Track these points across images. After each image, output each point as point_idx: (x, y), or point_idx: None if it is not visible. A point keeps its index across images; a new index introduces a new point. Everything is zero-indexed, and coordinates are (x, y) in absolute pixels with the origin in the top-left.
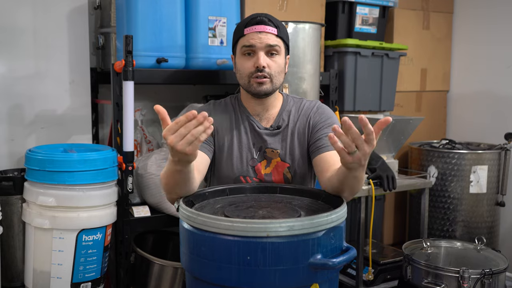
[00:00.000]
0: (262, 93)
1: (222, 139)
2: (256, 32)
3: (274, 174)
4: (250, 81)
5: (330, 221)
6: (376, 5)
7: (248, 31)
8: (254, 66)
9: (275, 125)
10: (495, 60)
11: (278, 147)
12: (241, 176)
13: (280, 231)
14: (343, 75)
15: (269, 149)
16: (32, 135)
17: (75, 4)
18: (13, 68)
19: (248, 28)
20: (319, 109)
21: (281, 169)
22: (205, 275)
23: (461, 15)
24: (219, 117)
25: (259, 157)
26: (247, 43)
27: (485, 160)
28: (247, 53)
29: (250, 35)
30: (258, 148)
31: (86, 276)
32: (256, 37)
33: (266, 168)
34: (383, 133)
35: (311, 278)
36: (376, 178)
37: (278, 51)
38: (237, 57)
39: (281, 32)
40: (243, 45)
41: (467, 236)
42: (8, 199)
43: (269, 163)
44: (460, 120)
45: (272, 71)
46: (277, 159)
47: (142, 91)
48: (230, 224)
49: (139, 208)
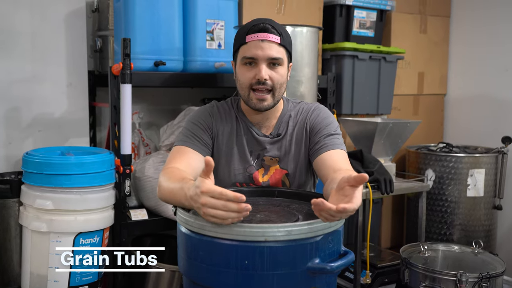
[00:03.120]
0: (262, 109)
1: (222, 143)
2: (258, 41)
3: (272, 181)
4: (250, 94)
5: (329, 226)
6: (373, 9)
7: (250, 38)
8: (255, 77)
9: (275, 132)
10: (492, 63)
11: (277, 154)
12: (237, 183)
13: (278, 236)
14: (341, 78)
15: (267, 156)
16: (30, 138)
17: (73, 7)
18: (10, 71)
19: (250, 35)
20: (315, 111)
21: (279, 176)
22: (203, 279)
23: (458, 19)
24: (221, 121)
25: (257, 165)
26: (248, 54)
27: (482, 164)
28: (248, 63)
29: (252, 44)
30: (256, 156)
31: (83, 280)
32: (258, 46)
33: (264, 176)
34: (381, 137)
35: (309, 283)
36: (373, 182)
37: (281, 62)
38: (238, 65)
39: (284, 40)
40: (244, 56)
41: (464, 239)
42: (5, 202)
43: (266, 171)
44: (458, 124)
45: (274, 83)
46: (276, 167)
47: (140, 94)
48: (228, 229)
49: (137, 211)
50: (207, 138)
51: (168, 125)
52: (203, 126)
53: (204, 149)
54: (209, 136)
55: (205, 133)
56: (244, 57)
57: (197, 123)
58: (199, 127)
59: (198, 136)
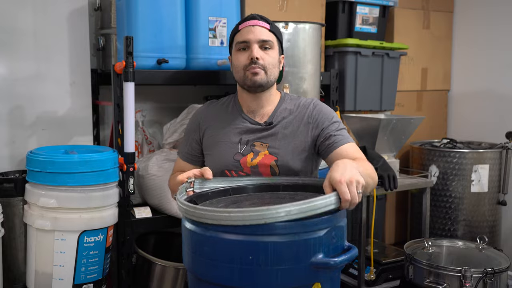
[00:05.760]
0: (257, 84)
1: (210, 136)
2: (249, 26)
3: (260, 166)
4: (245, 73)
5: (330, 203)
6: (376, 5)
7: (242, 26)
8: (248, 58)
9: (269, 121)
10: (496, 58)
11: (268, 141)
12: (226, 170)
13: (278, 217)
14: (344, 75)
15: (258, 142)
16: (33, 137)
17: (75, 5)
18: (13, 69)
19: (242, 24)
20: (316, 106)
21: (268, 161)
22: (207, 274)
23: (462, 14)
24: (210, 115)
25: (245, 150)
26: (241, 38)
27: (486, 159)
28: (242, 48)
29: (244, 30)
30: (245, 142)
31: (88, 278)
32: (250, 31)
33: (253, 160)
34: (385, 133)
35: (313, 278)
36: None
37: (272, 45)
38: (233, 54)
39: (273, 28)
40: (238, 41)
41: (468, 235)
42: (10, 201)
43: (255, 155)
44: (461, 119)
45: (266, 63)
46: (265, 152)
47: (143, 92)
48: (227, 215)
49: (141, 209)
50: (197, 138)
51: (171, 123)
52: (192, 128)
53: (195, 159)
54: (198, 135)
55: (195, 133)
56: (237, 42)
57: (188, 126)
58: (189, 136)
59: (189, 142)
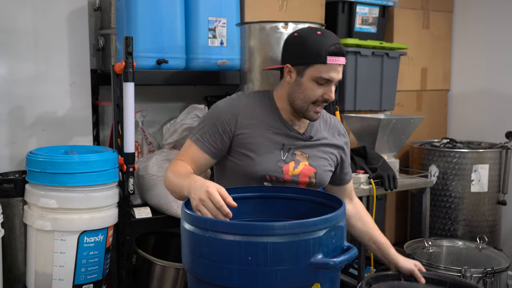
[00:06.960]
0: (313, 120)
1: (249, 136)
2: (337, 64)
3: (301, 176)
4: (309, 106)
5: None
6: (376, 5)
7: (332, 61)
8: (322, 96)
9: (308, 134)
10: (496, 58)
11: (308, 152)
12: (267, 174)
13: None
14: (344, 74)
15: (299, 151)
16: (33, 137)
17: (75, 5)
18: (13, 70)
19: (332, 58)
20: (341, 128)
21: (309, 172)
22: (207, 275)
23: (461, 14)
24: (248, 111)
25: (288, 158)
26: (326, 76)
27: (486, 159)
28: (321, 83)
29: (332, 67)
30: (287, 150)
31: (88, 278)
32: (336, 70)
33: (295, 169)
34: (384, 133)
35: (313, 278)
36: (377, 178)
37: None
38: (306, 79)
39: None
40: (322, 76)
41: (468, 235)
42: (10, 201)
43: (297, 164)
44: (461, 119)
45: None
46: (305, 162)
47: (143, 92)
48: None
49: (140, 209)
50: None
51: (171, 123)
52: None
53: (212, 148)
54: (232, 128)
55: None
56: (321, 77)
57: (217, 114)
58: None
59: (217, 132)
